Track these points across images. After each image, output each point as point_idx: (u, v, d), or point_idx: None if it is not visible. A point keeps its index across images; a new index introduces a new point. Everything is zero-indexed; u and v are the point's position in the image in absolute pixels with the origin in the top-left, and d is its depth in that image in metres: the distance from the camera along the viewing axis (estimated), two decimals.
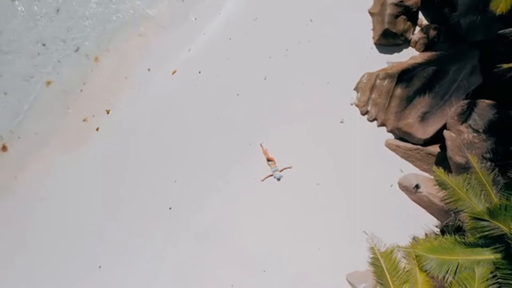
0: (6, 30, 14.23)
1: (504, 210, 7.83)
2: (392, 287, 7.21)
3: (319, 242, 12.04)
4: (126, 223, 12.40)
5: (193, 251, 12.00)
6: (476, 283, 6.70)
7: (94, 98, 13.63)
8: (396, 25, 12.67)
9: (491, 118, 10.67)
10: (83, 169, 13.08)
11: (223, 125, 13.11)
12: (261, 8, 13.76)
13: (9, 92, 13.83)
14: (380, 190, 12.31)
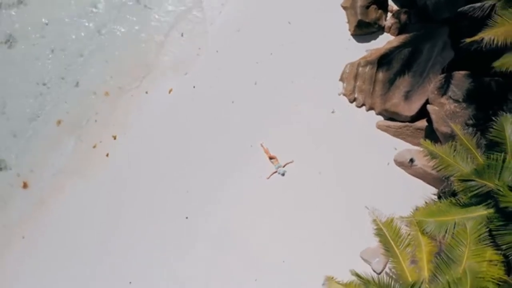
0: (5, 74, 15.07)
1: (488, 169, 8.69)
2: (397, 251, 8.03)
3: (330, 228, 12.81)
4: (148, 238, 13.18)
5: (213, 254, 12.77)
6: (468, 236, 7.51)
7: (100, 126, 14.46)
8: (369, 15, 13.57)
9: (468, 87, 11.54)
10: (99, 193, 13.83)
11: (223, 132, 13.94)
12: (243, 19, 14.65)
13: (18, 135, 14.64)
14: (378, 169, 13.15)
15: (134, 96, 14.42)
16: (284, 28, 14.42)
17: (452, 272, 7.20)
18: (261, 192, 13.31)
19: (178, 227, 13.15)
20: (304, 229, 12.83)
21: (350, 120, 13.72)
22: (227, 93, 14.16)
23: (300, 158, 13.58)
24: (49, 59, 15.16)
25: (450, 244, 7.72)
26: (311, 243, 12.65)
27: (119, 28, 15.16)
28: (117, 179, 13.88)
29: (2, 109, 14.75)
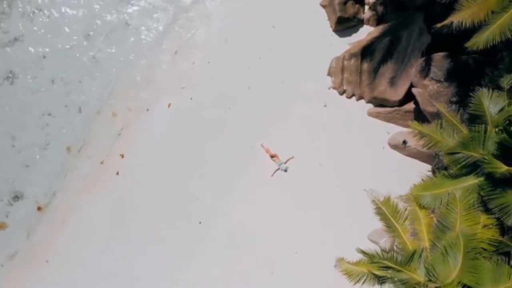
0: (11, 109, 15.79)
1: (472, 140, 9.40)
2: (397, 226, 8.73)
3: (337, 215, 13.50)
4: (165, 245, 13.88)
5: (229, 254, 13.47)
6: (458, 203, 8.22)
7: (106, 147, 15.17)
8: (347, 10, 14.35)
9: (448, 66, 12.27)
10: (112, 209, 14.53)
11: (224, 138, 14.67)
12: (229, 29, 15.42)
13: (31, 165, 15.35)
14: (374, 154, 13.88)
15: (136, 115, 15.16)
16: (269, 32, 15.18)
17: (447, 237, 7.90)
18: (267, 190, 14.03)
19: (193, 232, 13.85)
20: (312, 219, 13.54)
21: (342, 111, 14.46)
22: (223, 100, 14.90)
23: (300, 153, 14.30)
24: (50, 90, 15.93)
25: (443, 213, 8.42)
26: (320, 232, 13.35)
27: (113, 52, 15.91)
28: (129, 195, 14.58)
29: (12, 142, 15.48)
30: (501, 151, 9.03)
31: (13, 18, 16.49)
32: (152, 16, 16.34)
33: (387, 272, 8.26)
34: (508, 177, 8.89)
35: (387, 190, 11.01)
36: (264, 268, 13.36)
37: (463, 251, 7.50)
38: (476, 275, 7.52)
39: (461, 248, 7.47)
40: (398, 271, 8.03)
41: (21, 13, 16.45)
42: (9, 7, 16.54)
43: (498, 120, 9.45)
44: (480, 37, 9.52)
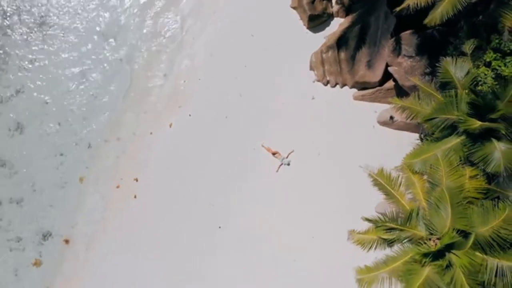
0: (26, 157, 16.86)
1: (447, 105, 10.48)
2: (393, 192, 9.79)
3: (343, 196, 14.52)
4: (192, 255, 14.93)
5: (252, 248, 14.53)
6: (440, 162, 9.28)
7: (119, 173, 16.24)
8: (316, 8, 15.48)
9: (416, 42, 13.36)
10: (133, 230, 15.58)
11: (226, 145, 15.74)
12: (212, 45, 16.55)
13: (54, 204, 16.43)
14: (367, 134, 14.96)
15: (141, 139, 16.23)
16: (249, 41, 16.30)
17: (435, 193, 8.95)
18: (275, 185, 15.12)
19: (215, 237, 14.91)
20: (321, 204, 14.59)
21: (330, 100, 15.56)
22: (219, 111, 16.00)
23: (298, 146, 15.37)
24: (58, 132, 17.02)
25: (430, 173, 9.48)
26: (331, 214, 14.39)
27: (110, 86, 17.01)
28: (148, 214, 15.64)
29: (33, 187, 16.57)
30: (474, 109, 10.13)
31: (10, 72, 17.60)
32: (139, 48, 17.44)
33: (393, 234, 9.32)
34: (484, 131, 10.00)
35: (384, 164, 12.16)
36: (287, 257, 14.40)
37: (450, 202, 8.55)
38: (466, 220, 8.58)
39: (448, 200, 8.51)
40: (401, 230, 9.09)
41: (17, 67, 17.56)
42: (5, 63, 17.66)
43: (465, 83, 10.55)
44: (435, 13, 10.62)
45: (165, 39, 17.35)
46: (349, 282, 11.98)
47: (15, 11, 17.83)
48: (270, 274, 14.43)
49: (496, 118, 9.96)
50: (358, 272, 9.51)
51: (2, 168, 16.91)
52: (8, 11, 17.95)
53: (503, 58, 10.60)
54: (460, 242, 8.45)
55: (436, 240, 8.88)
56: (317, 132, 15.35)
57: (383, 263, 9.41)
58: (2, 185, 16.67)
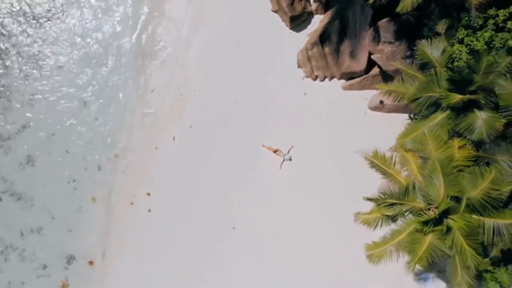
0: (40, 187, 17.60)
1: (428, 83, 11.24)
2: (389, 170, 10.54)
3: (348, 183, 15.15)
4: (212, 259, 15.68)
5: (268, 244, 15.25)
6: (428, 136, 10.05)
7: (130, 190, 16.98)
8: (296, 9, 16.27)
9: (393, 28, 14.13)
10: (154, 243, 16.31)
11: (229, 149, 16.48)
12: (203, 57, 17.33)
13: (73, 229, 17.17)
14: (360, 120, 15.71)
15: (148, 155, 16.99)
16: (237, 48, 17.08)
17: (428, 166, 9.70)
18: (280, 181, 15.87)
19: (231, 238, 15.65)
20: (326, 194, 15.30)
21: (321, 94, 16.33)
22: (218, 118, 16.77)
23: (297, 141, 16.13)
24: (67, 159, 17.79)
25: (420, 149, 10.24)
26: (335, 203, 15.06)
27: (110, 109, 17.81)
28: (163, 227, 16.37)
29: (51, 215, 17.31)
30: (453, 85, 10.91)
31: (14, 109, 18.38)
32: (132, 69, 18.25)
33: (394, 209, 10.07)
34: (465, 103, 10.76)
35: (380, 146, 12.89)
36: (301, 248, 15.13)
37: (442, 172, 9.31)
38: (458, 187, 9.33)
39: (439, 171, 9.27)
40: (401, 204, 9.85)
41: (20, 103, 18.33)
42: (8, 101, 18.43)
43: (443, 61, 11.32)
44: (406, 0, 11.41)
45: (156, 58, 18.12)
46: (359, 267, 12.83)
47: (13, 49, 18.61)
48: (286, 261, 15.09)
49: (475, 90, 10.73)
50: (367, 249, 10.25)
51: (19, 202, 17.66)
52: (5, 51, 18.74)
53: (474, 33, 11.36)
54: (455, 207, 9.20)
55: (435, 209, 9.63)
56: (313, 126, 16.11)
57: (389, 237, 10.16)
58: (22, 217, 17.41)
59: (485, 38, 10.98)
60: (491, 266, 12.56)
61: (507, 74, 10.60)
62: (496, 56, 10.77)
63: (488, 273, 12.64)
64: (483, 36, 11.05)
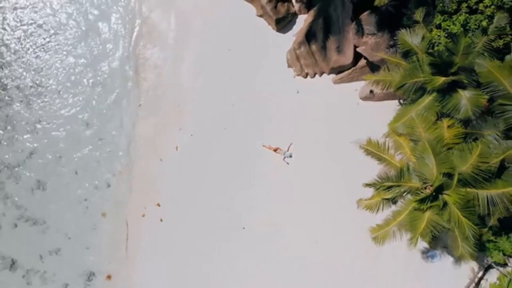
0: (54, 212, 18.20)
1: (412, 70, 11.86)
2: (384, 156, 11.15)
3: (347, 173, 15.73)
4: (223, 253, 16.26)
5: (280, 238, 15.83)
6: (416, 120, 10.66)
7: (141, 202, 17.56)
8: (280, 11, 16.92)
9: (375, 20, 14.77)
10: (167, 251, 16.86)
11: (231, 153, 17.06)
12: (197, 67, 17.96)
13: (90, 246, 17.74)
14: (353, 111, 16.34)
15: (153, 167, 17.60)
16: (228, 55, 17.72)
17: (418, 147, 10.32)
18: (283, 178, 16.47)
19: (242, 238, 16.24)
20: (330, 185, 15.90)
21: (313, 90, 16.97)
22: (217, 124, 17.38)
23: (296, 138, 16.73)
24: (77, 180, 18.36)
25: (411, 132, 10.86)
26: (338, 193, 15.62)
27: (112, 131, 18.44)
28: (176, 234, 16.93)
29: (67, 236, 17.90)
30: (435, 68, 11.56)
31: (20, 137, 18.97)
32: (129, 84, 18.93)
33: (393, 192, 10.68)
34: (449, 85, 11.40)
35: (374, 134, 13.50)
36: (310, 239, 15.73)
37: (432, 152, 9.92)
38: (449, 163, 9.95)
39: (430, 151, 9.89)
40: (398, 186, 10.45)
41: (25, 131, 18.95)
42: (13, 130, 19.05)
43: (423, 47, 11.95)
44: None
45: (151, 73, 18.76)
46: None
47: (11, 80, 19.27)
48: (299, 252, 15.66)
49: (456, 71, 11.38)
50: (372, 232, 10.86)
51: (34, 226, 18.22)
52: (4, 82, 19.39)
53: (450, 18, 11.99)
54: (448, 183, 9.82)
55: (430, 187, 10.23)
56: (309, 121, 16.73)
57: (391, 218, 10.76)
58: (39, 240, 17.97)
59: (461, 21, 11.59)
60: (493, 236, 13.21)
61: (484, 53, 11.26)
62: (473, 37, 11.43)
63: (491, 243, 13.29)
64: (458, 20, 11.67)
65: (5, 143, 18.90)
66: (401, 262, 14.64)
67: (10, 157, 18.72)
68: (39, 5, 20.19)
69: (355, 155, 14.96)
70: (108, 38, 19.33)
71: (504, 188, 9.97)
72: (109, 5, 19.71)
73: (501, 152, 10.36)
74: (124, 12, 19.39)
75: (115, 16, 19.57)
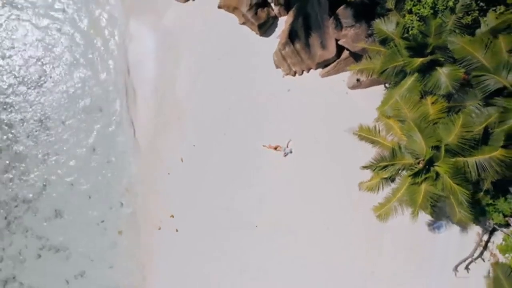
0: (72, 235, 18.98)
1: (391, 55, 12.64)
2: (376, 138, 11.92)
3: (346, 161, 16.45)
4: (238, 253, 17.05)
5: (292, 230, 16.60)
6: (400, 101, 11.44)
7: (155, 216, 18.34)
8: (260, 17, 17.74)
9: (351, 13, 15.60)
10: (183, 258, 17.63)
11: (233, 155, 17.79)
12: (190, 79, 18.75)
13: (113, 264, 18.52)
14: (343, 101, 17.13)
15: (162, 181, 18.37)
16: (218, 64, 18.54)
17: (405, 127, 11.11)
18: (286, 174, 17.23)
19: (258, 235, 17.00)
20: (331, 174, 16.68)
21: (303, 87, 17.78)
22: (217, 129, 18.13)
23: (293, 135, 17.51)
24: (91, 204, 19.15)
25: (396, 114, 11.64)
26: (340, 181, 16.42)
27: (119, 149, 19.26)
28: (192, 245, 17.68)
29: (90, 258, 18.68)
30: (412, 51, 12.34)
31: (32, 172, 19.75)
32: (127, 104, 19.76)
33: (389, 170, 11.45)
34: (428, 64, 12.18)
35: (366, 120, 14.26)
36: (321, 226, 16.47)
37: (418, 129, 10.70)
38: (435, 137, 10.72)
39: (416, 129, 10.67)
40: (393, 164, 11.23)
41: (35, 165, 19.75)
42: (24, 166, 19.84)
43: (398, 33, 12.74)
44: None
45: (149, 92, 19.56)
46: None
47: (17, 117, 20.07)
48: (313, 239, 16.40)
49: (432, 51, 12.17)
50: (375, 210, 11.62)
51: (57, 254, 19.02)
52: (11, 120, 20.20)
53: (419, 1, 12.78)
54: (437, 155, 10.59)
55: (422, 161, 11.01)
56: (303, 117, 17.53)
57: (391, 195, 11.53)
58: (63, 267, 18.75)
59: (429, 4, 12.38)
60: (491, 200, 13.95)
61: (456, 30, 12.05)
62: (443, 17, 12.22)
63: (490, 206, 14.03)
64: (427, 3, 12.45)
65: (18, 179, 19.70)
66: (401, 262, 15.42)
67: (25, 192, 19.53)
68: (35, 43, 20.97)
69: (351, 144, 15.81)
70: (104, 67, 20.13)
71: (490, 153, 10.71)
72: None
73: (484, 119, 11.12)
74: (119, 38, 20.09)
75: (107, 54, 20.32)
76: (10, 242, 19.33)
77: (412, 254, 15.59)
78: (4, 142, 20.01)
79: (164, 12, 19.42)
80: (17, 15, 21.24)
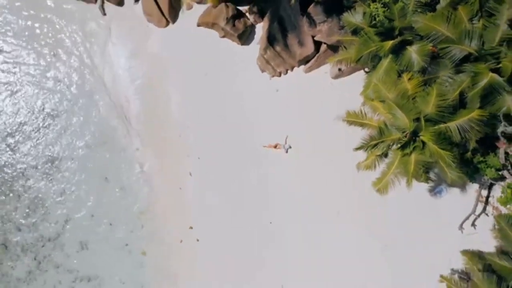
0: (100, 265, 19.99)
1: (364, 42, 13.69)
2: (364, 121, 12.92)
3: (342, 149, 17.17)
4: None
5: (304, 220, 17.65)
6: (379, 83, 12.48)
7: (174, 230, 19.35)
8: (238, 27, 18.79)
9: (321, 9, 16.66)
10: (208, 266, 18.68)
11: (237, 159, 18.72)
12: (184, 96, 19.79)
13: (144, 284, 19.51)
14: (329, 92, 18.17)
15: (175, 196, 19.40)
16: (205, 80, 19.59)
17: (387, 106, 12.16)
18: (288, 170, 18.26)
19: (270, 231, 18.04)
20: (330, 163, 17.67)
21: (290, 85, 18.84)
22: (217, 138, 19.11)
23: (289, 131, 18.53)
24: (113, 231, 20.14)
25: (377, 96, 12.69)
26: (340, 167, 17.29)
27: (132, 177, 20.33)
28: (213, 249, 18.70)
29: (121, 281, 19.72)
30: (382, 36, 13.41)
31: (52, 210, 20.67)
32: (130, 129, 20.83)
33: (381, 148, 12.48)
34: (399, 45, 13.23)
35: (354, 106, 15.25)
36: (331, 211, 17.48)
37: (398, 106, 11.74)
38: (415, 110, 11.76)
39: (395, 106, 11.71)
40: (383, 141, 12.26)
41: (54, 204, 20.78)
42: (43, 207, 20.84)
43: (366, 22, 13.80)
44: None
45: (147, 117, 20.63)
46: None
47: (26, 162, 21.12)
48: (323, 223, 17.41)
49: (400, 32, 13.23)
50: (374, 185, 12.63)
51: (90, 283, 20.03)
52: (22, 167, 21.26)
53: None
54: (419, 126, 11.63)
55: (408, 134, 12.05)
56: (296, 113, 18.56)
57: (386, 169, 12.56)
58: None
59: None
60: (482, 157, 14.96)
61: (417, 10, 13.10)
62: (404, 0, 13.27)
63: (482, 163, 15.03)
64: None
65: (41, 221, 20.72)
66: (410, 232, 16.32)
67: (49, 231, 20.54)
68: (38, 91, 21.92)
69: (344, 130, 16.81)
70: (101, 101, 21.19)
71: (468, 115, 11.75)
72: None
73: (457, 86, 12.15)
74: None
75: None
76: (44, 281, 20.33)
77: (419, 222, 16.56)
78: (22, 187, 21.05)
79: (147, 40, 20.49)
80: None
